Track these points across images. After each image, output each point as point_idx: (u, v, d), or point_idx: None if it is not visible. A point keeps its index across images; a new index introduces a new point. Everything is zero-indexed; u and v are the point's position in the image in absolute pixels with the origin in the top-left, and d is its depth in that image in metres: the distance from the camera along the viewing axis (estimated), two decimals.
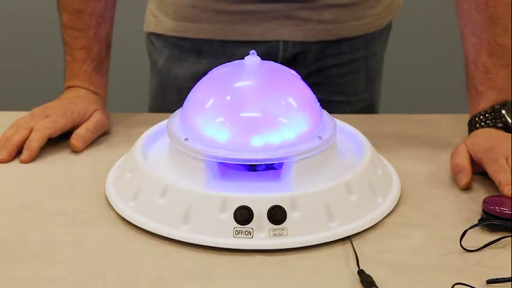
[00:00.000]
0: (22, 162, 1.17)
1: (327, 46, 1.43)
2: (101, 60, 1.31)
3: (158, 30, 1.46)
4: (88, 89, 1.30)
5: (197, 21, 1.41)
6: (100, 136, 1.26)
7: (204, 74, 1.10)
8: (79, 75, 1.30)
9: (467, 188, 1.10)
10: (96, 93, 1.30)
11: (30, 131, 1.20)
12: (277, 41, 1.40)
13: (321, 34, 1.41)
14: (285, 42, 1.40)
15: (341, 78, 1.46)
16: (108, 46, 1.32)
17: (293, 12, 1.38)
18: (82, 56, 1.29)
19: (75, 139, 1.21)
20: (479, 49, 1.20)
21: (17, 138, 1.19)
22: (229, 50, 1.40)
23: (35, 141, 1.18)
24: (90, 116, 1.25)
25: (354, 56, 1.45)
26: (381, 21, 1.46)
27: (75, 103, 1.26)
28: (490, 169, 1.09)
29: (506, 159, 1.09)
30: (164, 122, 1.12)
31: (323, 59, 1.44)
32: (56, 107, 1.25)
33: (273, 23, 1.39)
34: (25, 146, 1.18)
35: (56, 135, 1.21)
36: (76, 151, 1.20)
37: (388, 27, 1.50)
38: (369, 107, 1.51)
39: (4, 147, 1.18)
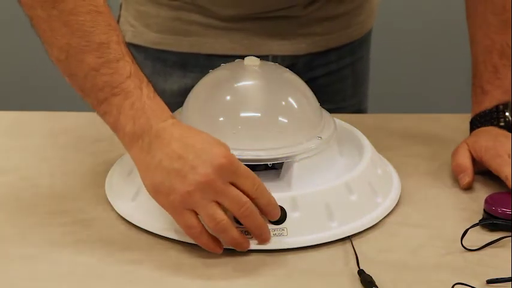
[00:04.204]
0: None
1: (315, 57, 1.39)
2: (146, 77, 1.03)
3: (137, 41, 1.36)
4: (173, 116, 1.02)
5: (182, 34, 1.34)
6: (100, 136, 1.25)
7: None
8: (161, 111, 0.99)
9: (468, 188, 1.11)
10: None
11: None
12: (267, 56, 1.34)
13: (309, 47, 1.37)
14: (274, 57, 1.35)
15: (329, 86, 1.43)
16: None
17: (282, 27, 1.35)
18: (136, 85, 0.99)
19: None
20: (491, 51, 1.20)
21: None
22: (217, 64, 1.25)
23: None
24: None
25: (341, 64, 1.42)
26: (366, 26, 1.44)
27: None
28: (494, 163, 1.09)
29: (508, 157, 1.09)
30: None
31: (311, 70, 1.40)
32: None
33: (261, 38, 1.34)
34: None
35: None
36: None
37: (371, 29, 1.48)
38: (358, 112, 1.48)
39: None
